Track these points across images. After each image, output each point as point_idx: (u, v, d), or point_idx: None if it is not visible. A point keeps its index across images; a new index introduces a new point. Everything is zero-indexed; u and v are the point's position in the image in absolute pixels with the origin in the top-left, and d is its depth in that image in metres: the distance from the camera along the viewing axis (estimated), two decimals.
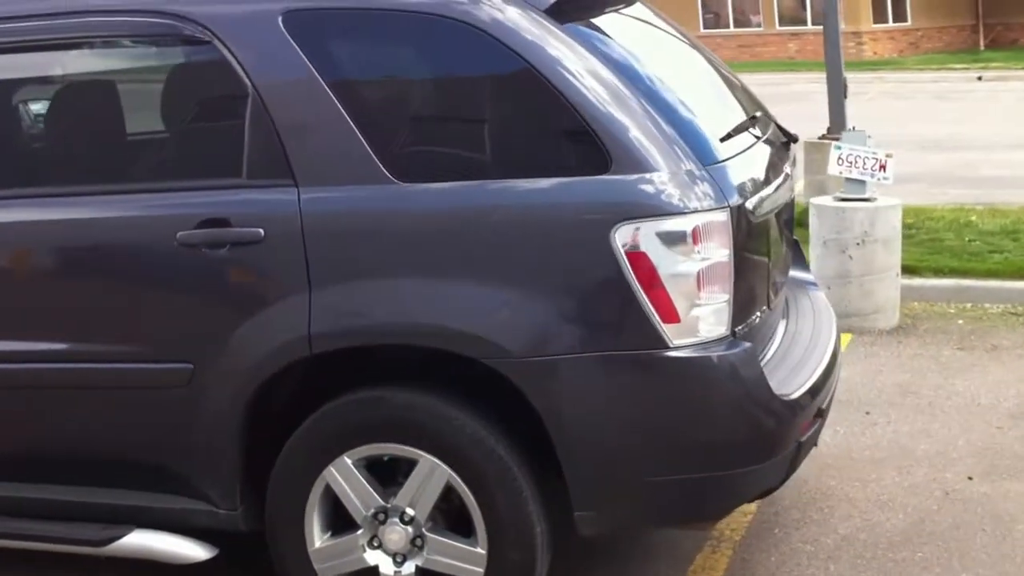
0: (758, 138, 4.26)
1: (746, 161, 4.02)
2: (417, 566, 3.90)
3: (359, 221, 3.80)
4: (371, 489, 3.87)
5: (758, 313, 4.00)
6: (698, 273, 3.66)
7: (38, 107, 4.36)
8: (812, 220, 7.50)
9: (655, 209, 3.65)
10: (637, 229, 3.62)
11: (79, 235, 4.01)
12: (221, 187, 3.90)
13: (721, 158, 3.85)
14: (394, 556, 3.91)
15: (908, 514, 4.90)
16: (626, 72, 3.83)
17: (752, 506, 4.98)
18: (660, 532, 4.75)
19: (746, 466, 3.81)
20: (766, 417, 3.80)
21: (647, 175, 3.66)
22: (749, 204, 3.85)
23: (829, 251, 7.38)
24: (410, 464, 3.83)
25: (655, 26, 4.48)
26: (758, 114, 4.41)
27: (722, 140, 3.96)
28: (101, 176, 4.06)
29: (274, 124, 3.82)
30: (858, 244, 7.29)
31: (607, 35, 4.01)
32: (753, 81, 5.55)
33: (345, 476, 3.87)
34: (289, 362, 3.82)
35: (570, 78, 3.71)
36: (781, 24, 31.36)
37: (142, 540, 4.04)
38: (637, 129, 3.69)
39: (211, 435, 3.91)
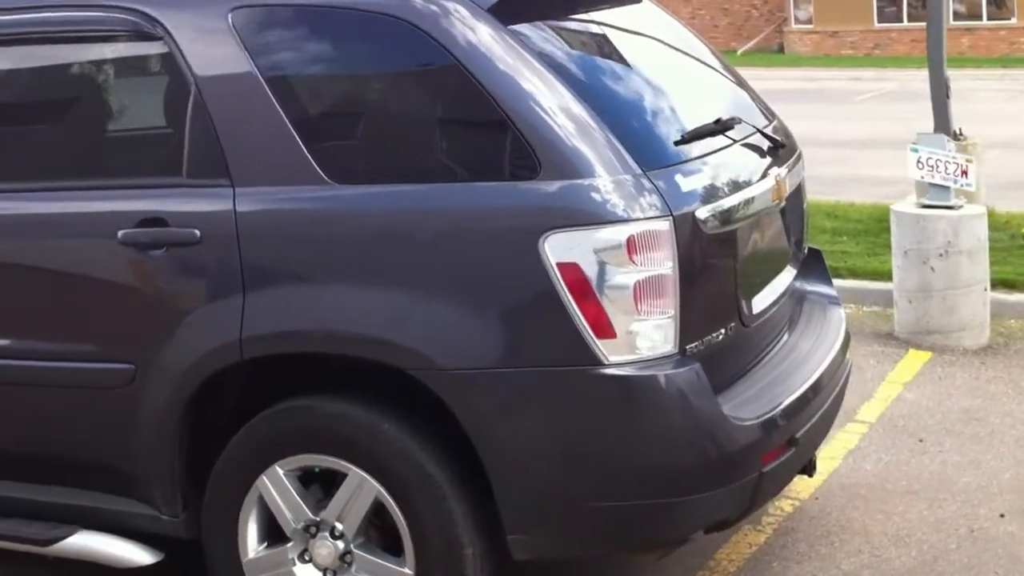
0: (735, 141, 3.97)
1: (710, 165, 3.74)
2: None
3: (290, 223, 3.67)
4: (301, 501, 3.73)
5: (722, 330, 3.71)
6: (635, 286, 3.42)
7: None
8: (893, 228, 7.08)
9: (587, 217, 3.42)
10: (567, 239, 3.40)
11: (24, 231, 3.97)
12: (162, 185, 3.81)
13: (670, 163, 3.59)
14: (324, 571, 3.76)
15: (922, 552, 4.53)
16: (569, 74, 3.61)
17: (759, 535, 4.69)
18: (648, 559, 4.50)
19: (690, 495, 3.55)
20: (713, 443, 3.53)
21: (579, 181, 3.43)
22: (704, 212, 3.58)
23: (910, 262, 6.94)
24: (342, 477, 3.68)
25: (641, 25, 4.21)
26: (742, 116, 4.10)
27: (679, 143, 3.70)
28: (46, 172, 4.00)
29: (213, 121, 3.72)
30: (940, 255, 6.83)
31: (558, 35, 3.80)
32: (915, 78, 5.18)
33: (276, 486, 3.74)
34: (222, 367, 3.71)
35: (503, 79, 3.51)
36: (956, 19, 30.16)
37: (86, 541, 3.98)
38: (570, 132, 3.47)
39: (152, 438, 3.82)
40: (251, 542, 3.81)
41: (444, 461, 3.58)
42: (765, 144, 4.15)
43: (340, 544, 3.71)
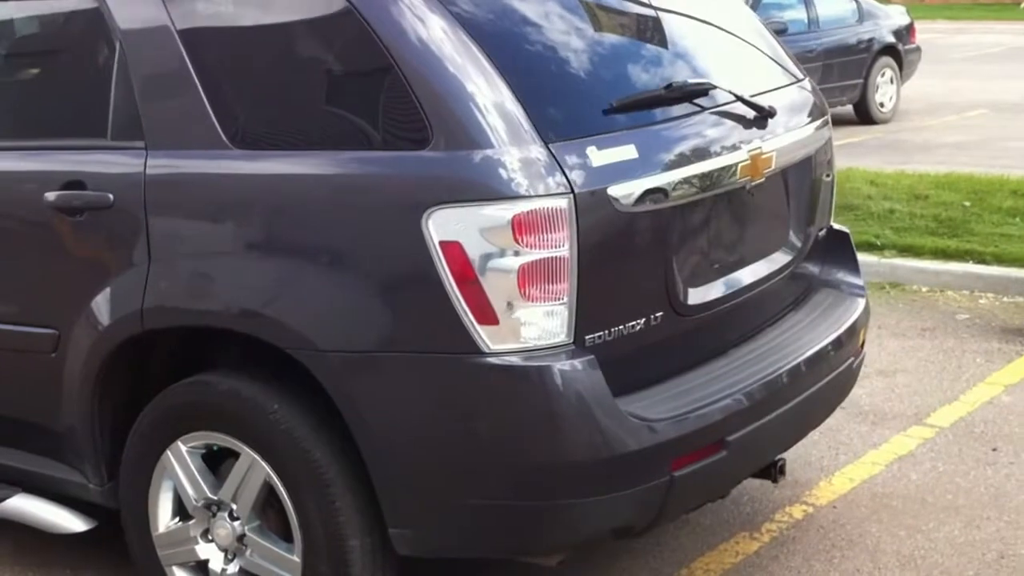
0: (702, 108, 3.59)
1: (646, 136, 3.39)
2: (241, 567, 3.59)
3: (190, 189, 3.52)
4: (200, 479, 3.59)
5: (641, 321, 3.36)
6: (520, 270, 3.11)
7: None
8: None
9: (472, 192, 3.13)
10: (451, 216, 3.12)
11: None
12: (90, 147, 3.71)
13: (587, 133, 3.25)
14: (225, 552, 3.61)
15: None
16: (486, 34, 3.30)
17: (753, 543, 4.31)
18: (616, 562, 4.18)
19: (578, 497, 3.23)
20: (604, 442, 3.19)
21: (469, 152, 3.14)
22: (622, 189, 3.23)
23: None
24: (237, 457, 3.52)
25: None
26: (725, 80, 3.69)
27: (610, 112, 3.36)
28: None
29: (132, 80, 3.60)
30: None
31: None
32: None
33: (179, 462, 3.61)
34: (128, 337, 3.60)
35: (406, 40, 3.23)
36: None
37: (22, 505, 3.96)
38: (467, 97, 3.17)
39: (74, 406, 3.75)
40: (162, 516, 3.69)
41: (336, 448, 3.36)
42: (749, 113, 3.73)
43: (237, 526, 3.56)
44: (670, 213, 3.41)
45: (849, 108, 14.66)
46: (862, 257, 4.66)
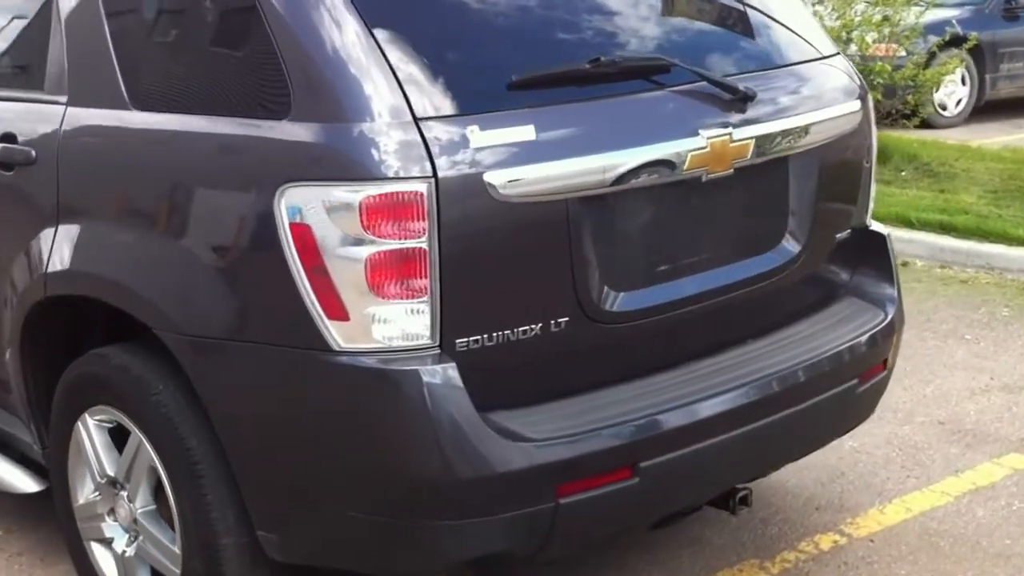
0: (659, 86, 3.13)
1: (557, 117, 2.96)
2: (136, 551, 3.42)
3: (88, 148, 3.35)
4: (102, 454, 3.43)
5: (536, 326, 2.95)
6: (368, 260, 2.77)
7: None
8: None
9: (322, 171, 2.81)
10: (302, 195, 2.81)
11: None
12: (27, 99, 3.58)
13: (473, 111, 2.86)
14: (127, 532, 3.45)
15: None
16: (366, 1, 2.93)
17: (756, 573, 3.81)
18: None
19: (440, 519, 2.88)
20: (466, 461, 2.82)
21: (322, 125, 2.81)
22: (505, 176, 2.83)
23: None
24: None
25: None
26: (685, 58, 3.20)
27: (515, 87, 2.94)
28: None
29: (63, 30, 3.45)
30: None
31: None
32: None
33: (88, 435, 3.45)
34: (35, 302, 3.46)
35: (283, 5, 2.92)
36: None
37: None
38: (331, 64, 2.83)
39: (7, 366, 3.68)
40: (82, 488, 3.56)
41: (213, 439, 3.12)
42: (722, 95, 3.22)
43: (133, 508, 3.39)
44: (579, 205, 2.96)
45: None
46: None
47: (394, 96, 2.80)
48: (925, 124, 11.08)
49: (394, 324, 2.80)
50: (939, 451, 4.61)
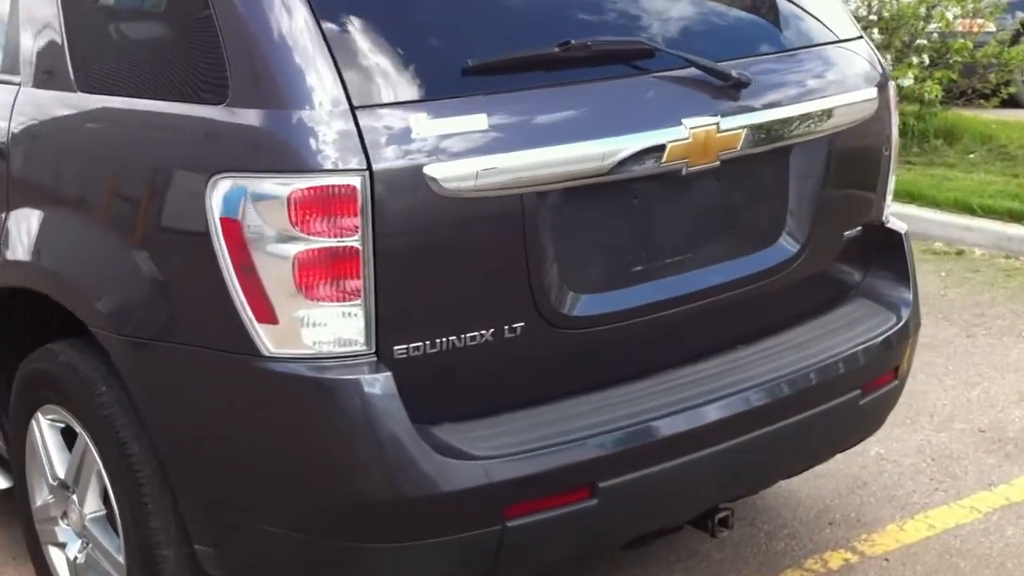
0: (631, 73, 2.87)
1: (515, 105, 2.72)
2: (87, 556, 3.26)
3: (36, 132, 3.17)
4: (52, 455, 3.27)
5: (487, 332, 2.72)
6: (296, 260, 2.56)
7: None
8: None
9: (252, 161, 2.61)
10: (232, 187, 2.61)
11: None
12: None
13: (424, 98, 2.63)
14: (81, 539, 3.29)
15: None
16: None
17: None
18: None
19: (374, 541, 2.67)
20: (397, 479, 2.60)
21: (253, 112, 2.61)
22: (448, 170, 2.59)
23: None
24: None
25: None
26: (669, 41, 2.94)
27: (471, 72, 2.70)
28: None
29: (20, 6, 3.29)
30: None
31: None
32: None
33: (40, 435, 3.30)
34: None
35: None
36: None
37: None
38: (268, 46, 2.62)
39: None
40: (39, 490, 3.41)
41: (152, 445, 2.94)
42: (713, 82, 2.96)
43: (82, 512, 3.23)
44: (536, 201, 2.72)
45: None
46: None
47: (331, 83, 2.58)
48: (1011, 103, 10.53)
49: (326, 328, 2.59)
50: (974, 462, 4.29)
